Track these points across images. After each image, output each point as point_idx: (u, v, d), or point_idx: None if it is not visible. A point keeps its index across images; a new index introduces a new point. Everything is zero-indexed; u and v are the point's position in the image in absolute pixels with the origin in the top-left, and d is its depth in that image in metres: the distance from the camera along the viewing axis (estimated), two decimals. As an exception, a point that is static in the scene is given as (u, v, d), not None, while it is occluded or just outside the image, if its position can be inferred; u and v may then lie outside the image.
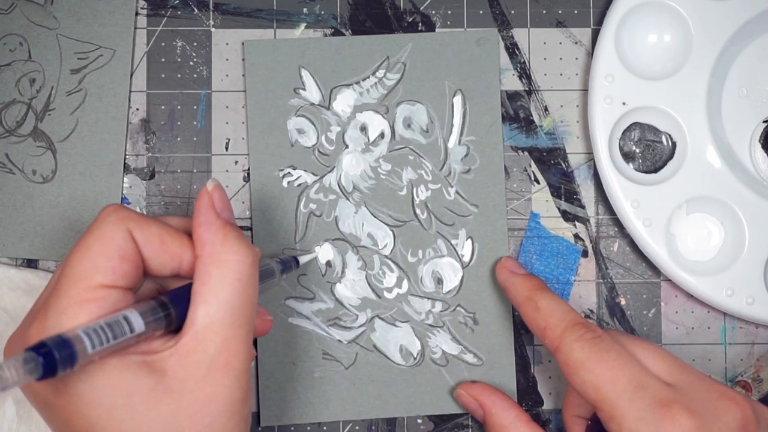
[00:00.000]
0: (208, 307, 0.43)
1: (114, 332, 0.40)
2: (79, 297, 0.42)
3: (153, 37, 0.59)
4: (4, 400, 0.56)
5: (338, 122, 0.59)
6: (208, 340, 0.43)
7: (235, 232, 0.45)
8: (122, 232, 0.43)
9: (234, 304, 0.44)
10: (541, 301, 0.52)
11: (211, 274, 0.44)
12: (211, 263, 0.44)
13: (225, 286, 0.44)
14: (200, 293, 0.43)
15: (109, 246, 0.43)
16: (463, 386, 0.58)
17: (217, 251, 0.44)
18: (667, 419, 0.45)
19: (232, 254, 0.44)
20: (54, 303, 0.42)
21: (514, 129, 0.60)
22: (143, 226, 0.44)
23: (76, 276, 0.42)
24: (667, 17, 0.58)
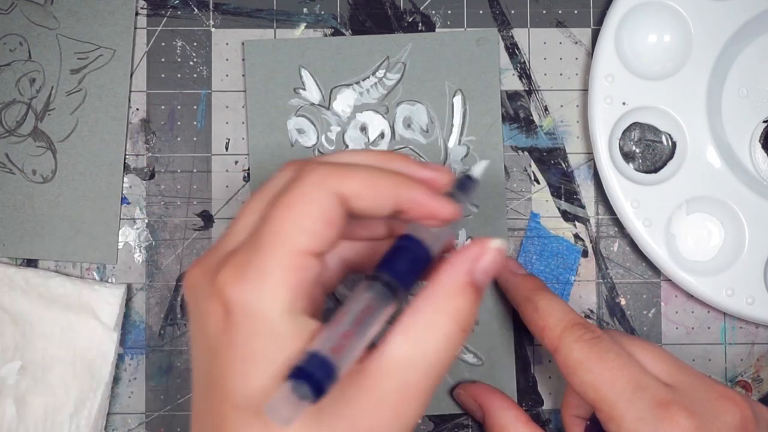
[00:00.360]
0: (419, 342, 0.40)
1: (360, 341, 0.38)
2: (284, 261, 0.39)
3: (153, 37, 0.59)
4: (4, 400, 0.56)
5: (338, 122, 0.59)
6: (395, 372, 0.39)
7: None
8: (327, 193, 0.40)
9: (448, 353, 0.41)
10: (541, 301, 0.52)
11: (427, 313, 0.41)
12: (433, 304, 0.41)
13: (447, 329, 0.41)
14: (406, 325, 0.40)
15: (315, 208, 0.40)
16: (463, 386, 0.58)
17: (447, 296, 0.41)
18: (666, 420, 0.45)
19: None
20: (254, 257, 0.39)
21: (514, 129, 0.60)
22: (350, 177, 0.41)
23: (279, 238, 0.39)
24: (667, 17, 0.58)
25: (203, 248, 0.59)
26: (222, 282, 0.39)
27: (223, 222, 0.59)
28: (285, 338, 0.39)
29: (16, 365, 0.57)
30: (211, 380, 0.40)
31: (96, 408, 0.57)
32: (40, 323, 0.57)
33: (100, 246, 0.58)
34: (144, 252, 0.59)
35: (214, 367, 0.40)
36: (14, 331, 0.57)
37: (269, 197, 0.42)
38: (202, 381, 0.41)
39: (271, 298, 0.39)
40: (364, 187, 0.41)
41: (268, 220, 0.40)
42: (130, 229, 0.59)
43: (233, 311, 0.39)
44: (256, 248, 0.40)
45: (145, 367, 0.59)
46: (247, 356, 0.39)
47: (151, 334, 0.59)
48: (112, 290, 0.57)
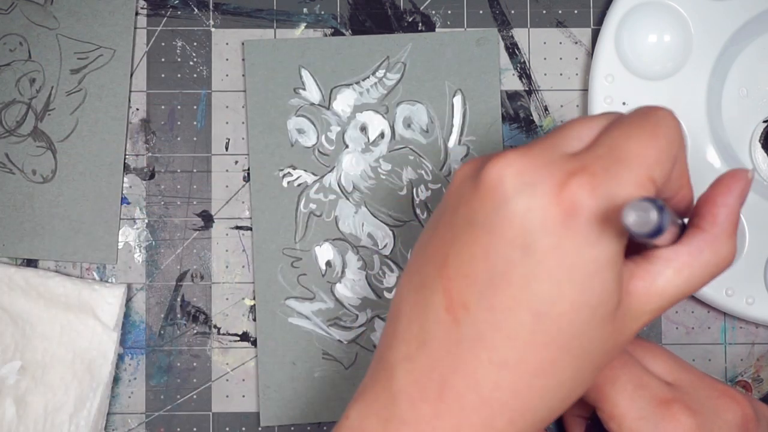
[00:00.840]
0: (677, 275, 0.41)
1: (675, 221, 0.39)
2: (638, 181, 0.38)
3: (153, 37, 0.59)
4: (4, 400, 0.56)
5: (338, 122, 0.59)
6: (650, 303, 0.41)
7: (737, 231, 0.43)
8: (680, 138, 0.40)
9: (687, 293, 0.41)
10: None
11: (702, 252, 0.41)
12: (710, 245, 0.41)
13: (701, 270, 0.41)
14: (681, 259, 0.41)
15: (672, 146, 0.39)
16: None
17: (722, 239, 0.42)
18: (668, 418, 0.45)
19: (727, 251, 0.42)
20: (616, 170, 0.38)
21: (514, 129, 0.60)
22: (682, 147, 0.41)
23: (642, 158, 0.38)
24: (667, 17, 0.58)
25: (203, 248, 0.59)
26: (573, 183, 0.37)
27: (223, 222, 0.59)
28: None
29: (16, 365, 0.57)
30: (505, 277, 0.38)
31: (96, 408, 0.56)
32: (40, 323, 0.57)
33: (100, 246, 0.58)
34: (144, 252, 0.59)
35: (517, 262, 0.38)
36: (14, 331, 0.57)
37: (610, 120, 0.41)
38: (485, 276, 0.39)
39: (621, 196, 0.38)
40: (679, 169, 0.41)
41: (629, 138, 0.39)
42: (130, 229, 0.59)
43: (579, 216, 0.37)
44: (616, 160, 0.38)
45: (145, 367, 0.58)
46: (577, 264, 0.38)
47: (151, 334, 0.59)
48: (112, 290, 0.57)
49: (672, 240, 0.41)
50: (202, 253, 0.59)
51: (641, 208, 0.34)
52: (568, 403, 0.40)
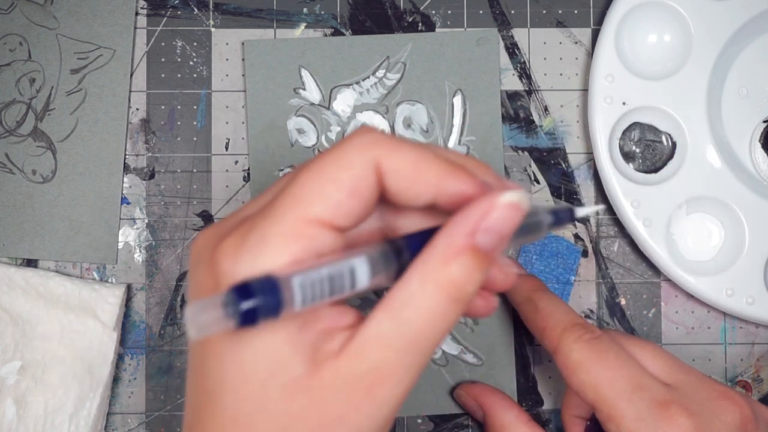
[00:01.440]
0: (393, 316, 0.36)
1: (332, 289, 0.34)
2: (289, 228, 0.35)
3: (153, 37, 0.59)
4: (4, 400, 0.56)
5: (338, 122, 0.59)
6: (371, 353, 0.36)
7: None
8: (365, 161, 0.36)
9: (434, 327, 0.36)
10: (541, 301, 0.52)
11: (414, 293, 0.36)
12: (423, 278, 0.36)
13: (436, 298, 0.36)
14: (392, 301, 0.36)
15: (343, 174, 0.36)
16: (463, 386, 0.58)
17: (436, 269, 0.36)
18: (666, 419, 0.45)
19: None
20: (260, 224, 0.35)
21: (514, 129, 0.60)
22: (396, 150, 0.36)
23: (294, 200, 0.35)
24: (667, 17, 0.58)
25: (203, 248, 0.59)
26: (220, 252, 0.36)
27: (223, 222, 0.59)
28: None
29: (16, 365, 0.57)
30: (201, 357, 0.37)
31: (96, 408, 0.57)
32: (40, 323, 0.57)
33: (100, 246, 0.58)
34: (144, 252, 0.59)
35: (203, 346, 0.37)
36: (14, 331, 0.57)
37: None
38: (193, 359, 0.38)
39: (265, 267, 0.34)
40: (407, 165, 0.36)
41: (293, 180, 0.36)
42: (130, 229, 0.59)
43: (223, 286, 0.35)
44: (266, 212, 0.36)
45: (145, 367, 0.59)
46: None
47: (151, 334, 0.59)
48: (112, 290, 0.57)
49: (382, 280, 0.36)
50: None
51: (196, 311, 0.31)
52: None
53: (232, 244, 0.35)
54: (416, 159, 0.36)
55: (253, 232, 0.35)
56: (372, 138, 0.36)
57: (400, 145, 0.36)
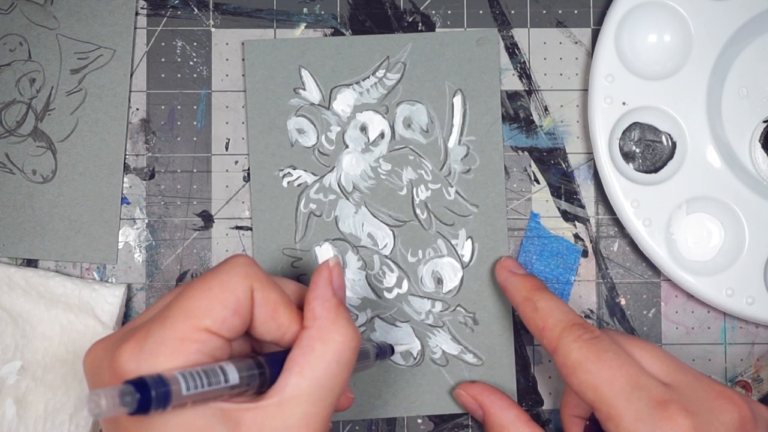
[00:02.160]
0: (301, 378, 0.43)
1: (209, 380, 0.40)
2: (183, 334, 0.41)
3: (153, 37, 0.59)
4: (4, 400, 0.56)
5: (338, 122, 0.59)
6: (291, 410, 0.43)
7: (346, 314, 0.46)
8: (244, 288, 0.43)
9: (327, 382, 0.44)
10: (540, 301, 0.52)
11: (314, 348, 0.44)
12: (318, 338, 0.44)
13: (323, 364, 0.44)
14: (297, 363, 0.44)
15: (229, 296, 0.43)
16: (463, 386, 0.58)
17: (327, 328, 0.45)
18: (665, 419, 0.45)
19: (339, 335, 0.45)
20: (156, 331, 0.41)
21: (514, 129, 0.60)
22: (265, 289, 0.44)
23: (187, 312, 0.42)
24: (667, 17, 0.58)
25: (203, 248, 0.59)
26: (121, 356, 0.41)
27: (223, 222, 0.59)
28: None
29: (16, 365, 0.57)
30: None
31: (96, 408, 0.56)
32: (41, 323, 0.57)
33: (100, 246, 0.58)
34: (144, 252, 0.59)
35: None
36: (14, 331, 0.57)
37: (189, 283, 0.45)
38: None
39: (165, 366, 0.40)
40: (269, 305, 0.45)
41: (182, 296, 0.43)
42: (130, 229, 0.59)
43: (126, 378, 0.40)
44: (161, 320, 0.42)
45: (145, 367, 0.58)
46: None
47: (151, 334, 0.59)
48: (112, 290, 0.57)
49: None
50: (202, 253, 0.59)
51: (91, 399, 0.37)
52: None
53: (131, 348, 0.41)
54: (277, 302, 0.45)
55: (150, 337, 0.41)
56: (250, 270, 0.44)
57: (269, 285, 0.45)
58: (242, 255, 0.45)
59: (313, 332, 0.45)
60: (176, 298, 0.43)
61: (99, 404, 0.36)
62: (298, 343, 0.44)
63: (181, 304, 0.43)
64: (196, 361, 0.41)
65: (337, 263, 0.47)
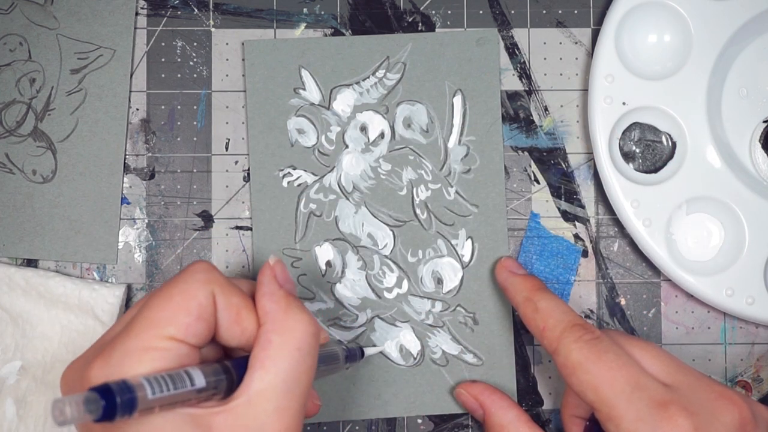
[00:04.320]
0: (264, 372, 0.43)
1: (175, 384, 0.40)
2: (148, 343, 0.42)
3: (153, 37, 0.59)
4: (4, 400, 0.56)
5: (338, 122, 0.59)
6: (260, 406, 0.43)
7: (297, 303, 0.46)
8: (206, 293, 0.44)
9: (291, 373, 0.44)
10: (540, 301, 0.52)
11: (271, 341, 0.44)
12: (273, 330, 0.44)
13: (284, 354, 0.44)
14: (259, 358, 0.43)
15: (191, 302, 0.43)
16: (463, 386, 0.58)
17: (280, 319, 0.45)
18: (665, 420, 0.45)
19: (294, 322, 0.45)
20: (122, 343, 0.42)
21: (514, 129, 0.60)
22: (227, 293, 0.45)
23: (150, 322, 0.42)
24: (667, 17, 0.58)
25: (203, 248, 0.59)
26: (91, 372, 0.42)
27: (223, 222, 0.59)
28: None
29: (16, 365, 0.57)
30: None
31: (96, 408, 0.56)
32: (40, 323, 0.57)
33: (100, 246, 0.58)
34: (144, 252, 0.59)
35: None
36: (14, 331, 0.57)
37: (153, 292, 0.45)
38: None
39: (131, 374, 0.41)
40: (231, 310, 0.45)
41: (146, 306, 0.43)
42: (130, 229, 0.59)
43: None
44: (125, 333, 0.43)
45: (145, 367, 0.58)
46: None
47: (151, 334, 0.59)
48: (112, 290, 0.57)
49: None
50: (202, 253, 0.59)
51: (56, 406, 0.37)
52: None
53: (99, 362, 0.42)
54: (239, 306, 0.45)
55: (116, 350, 0.42)
56: (211, 276, 0.45)
57: (230, 289, 0.45)
58: (202, 261, 0.46)
59: (268, 326, 0.44)
60: (140, 309, 0.44)
61: (64, 412, 0.36)
62: (257, 341, 0.44)
63: (144, 314, 0.43)
64: (162, 368, 0.41)
65: (277, 260, 0.47)
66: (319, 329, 0.46)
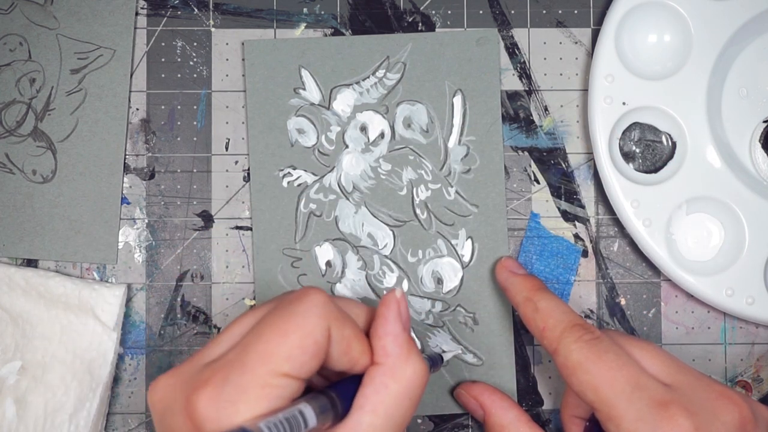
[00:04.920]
0: (375, 417, 0.43)
1: (291, 427, 0.40)
2: (264, 381, 0.41)
3: (153, 37, 0.59)
4: (4, 400, 0.56)
5: (338, 122, 0.59)
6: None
7: (416, 349, 0.46)
8: (323, 330, 0.43)
9: (397, 419, 0.44)
10: (541, 301, 0.52)
11: (387, 386, 0.44)
12: (391, 375, 0.44)
13: (398, 402, 0.44)
14: (371, 401, 0.44)
15: (308, 340, 0.43)
16: (463, 386, 0.58)
17: (400, 365, 0.45)
18: (665, 420, 0.45)
19: (411, 372, 0.45)
20: (236, 376, 0.41)
21: (514, 129, 0.60)
22: (341, 326, 0.44)
23: (266, 358, 0.42)
24: (667, 17, 0.58)
25: (203, 248, 0.59)
26: (197, 401, 0.41)
27: (223, 222, 0.59)
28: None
29: (16, 365, 0.57)
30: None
31: (95, 408, 0.57)
32: (40, 323, 0.57)
33: (100, 246, 0.58)
34: (144, 252, 0.59)
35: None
36: (14, 331, 0.57)
37: (262, 315, 0.45)
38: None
39: (246, 414, 0.40)
40: (343, 341, 0.44)
41: (260, 338, 0.43)
42: (130, 229, 0.59)
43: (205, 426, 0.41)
44: (239, 365, 0.42)
45: (145, 367, 0.59)
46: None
47: (151, 334, 0.59)
48: (112, 290, 0.57)
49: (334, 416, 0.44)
50: (202, 253, 0.59)
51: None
52: None
53: (209, 394, 0.41)
54: (351, 338, 0.45)
55: (228, 383, 0.41)
56: (327, 311, 0.44)
57: (344, 321, 0.44)
58: (318, 291, 0.45)
59: (386, 369, 0.45)
60: (253, 340, 0.43)
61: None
62: (370, 380, 0.44)
63: (259, 348, 0.42)
64: (277, 405, 0.41)
65: (403, 295, 0.47)
66: (429, 377, 0.46)
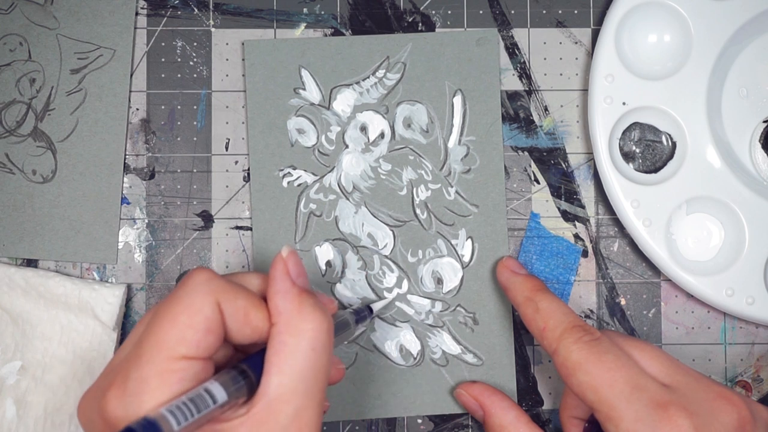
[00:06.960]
0: (281, 376, 0.43)
1: (198, 406, 0.40)
2: (162, 367, 0.41)
3: (153, 37, 0.59)
4: (4, 400, 0.56)
5: (338, 122, 0.59)
6: (280, 410, 0.42)
7: (310, 300, 0.45)
8: (211, 305, 0.43)
9: (308, 373, 0.43)
10: (541, 302, 0.52)
11: (286, 343, 0.43)
12: (287, 332, 0.44)
13: (299, 356, 0.43)
14: (274, 362, 0.43)
15: (197, 318, 0.42)
16: (463, 386, 0.58)
17: (293, 320, 0.44)
18: (665, 420, 0.45)
19: (307, 323, 0.44)
20: (135, 370, 0.41)
21: (514, 129, 0.60)
22: (231, 298, 0.44)
23: (160, 345, 0.42)
24: (667, 17, 0.58)
25: (203, 248, 0.59)
26: (108, 403, 0.41)
27: (223, 222, 0.59)
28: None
29: (16, 365, 0.57)
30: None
31: (96, 408, 0.57)
32: (40, 323, 0.57)
33: (100, 246, 0.58)
34: (144, 252, 0.59)
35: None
36: (14, 331, 0.57)
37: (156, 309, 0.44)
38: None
39: (151, 404, 0.40)
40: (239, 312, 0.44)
41: (152, 328, 0.43)
42: (130, 229, 0.59)
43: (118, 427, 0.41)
44: (135, 359, 0.42)
45: (145, 367, 0.58)
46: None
47: (151, 334, 0.59)
48: (112, 290, 0.57)
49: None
50: (202, 253, 0.59)
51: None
52: None
53: (114, 394, 0.41)
54: (246, 307, 0.44)
55: (130, 378, 0.41)
56: (212, 285, 0.44)
57: (234, 292, 0.44)
58: (201, 269, 0.45)
59: (281, 327, 0.44)
60: (145, 331, 0.43)
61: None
62: (270, 342, 0.44)
63: (152, 337, 0.42)
64: (181, 389, 0.41)
65: (291, 252, 0.46)
66: (332, 324, 0.45)
